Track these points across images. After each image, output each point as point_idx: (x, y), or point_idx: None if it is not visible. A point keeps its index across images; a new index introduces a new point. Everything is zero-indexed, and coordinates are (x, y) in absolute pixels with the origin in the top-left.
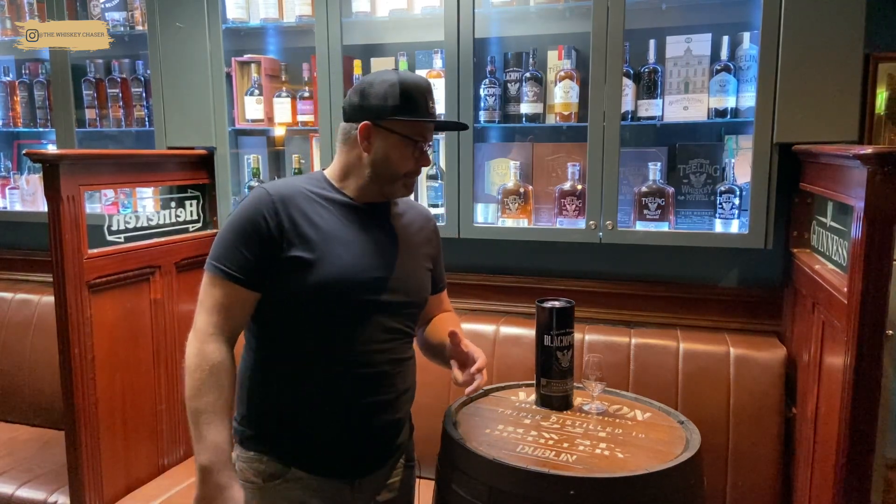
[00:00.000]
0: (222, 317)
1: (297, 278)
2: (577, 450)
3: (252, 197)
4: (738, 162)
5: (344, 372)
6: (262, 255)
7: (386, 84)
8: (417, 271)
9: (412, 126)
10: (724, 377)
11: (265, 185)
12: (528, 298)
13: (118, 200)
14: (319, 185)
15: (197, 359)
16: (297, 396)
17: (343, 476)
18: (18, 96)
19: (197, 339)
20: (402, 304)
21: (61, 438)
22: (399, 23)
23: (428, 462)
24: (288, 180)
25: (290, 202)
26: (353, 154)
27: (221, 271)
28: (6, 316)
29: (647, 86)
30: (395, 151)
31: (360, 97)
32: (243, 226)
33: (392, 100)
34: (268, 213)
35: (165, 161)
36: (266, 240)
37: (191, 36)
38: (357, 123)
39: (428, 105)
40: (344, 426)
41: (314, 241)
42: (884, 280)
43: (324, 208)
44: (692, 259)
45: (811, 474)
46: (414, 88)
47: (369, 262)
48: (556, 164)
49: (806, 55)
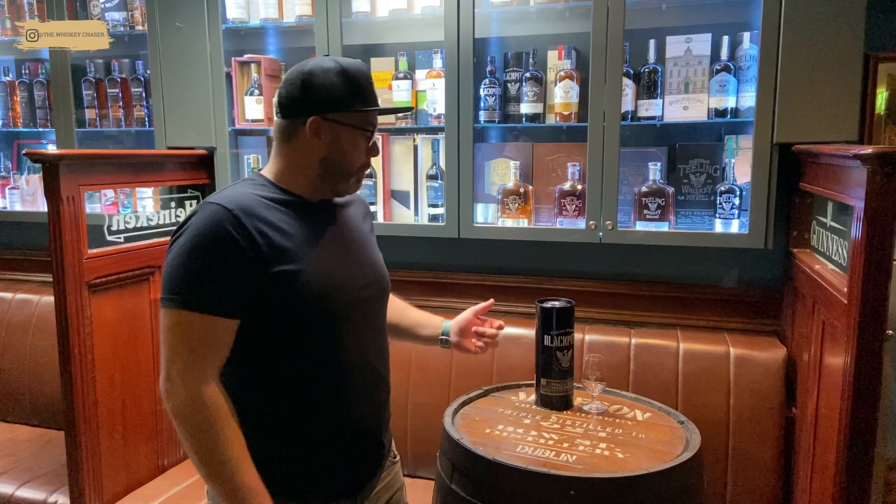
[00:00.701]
0: (205, 356)
1: (284, 294)
2: (577, 450)
3: (209, 215)
4: (738, 162)
5: (343, 379)
6: (239, 277)
7: (330, 73)
8: (380, 258)
9: (363, 116)
10: (724, 377)
11: (215, 199)
12: (528, 298)
13: (118, 200)
14: (266, 188)
15: (195, 412)
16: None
17: (346, 496)
18: (18, 96)
19: (184, 390)
20: (381, 295)
21: (61, 438)
22: (399, 23)
23: (428, 462)
24: (235, 189)
25: (252, 213)
26: (300, 152)
27: (194, 305)
28: (6, 316)
29: (647, 86)
30: (348, 145)
31: (301, 89)
32: (209, 248)
33: (339, 90)
34: (235, 231)
35: (165, 161)
36: (241, 260)
37: (191, 36)
38: (302, 119)
39: (374, 92)
40: (348, 438)
41: (292, 251)
42: (884, 280)
43: (284, 213)
44: (692, 259)
45: (811, 474)
46: (360, 75)
47: (346, 260)
48: (556, 164)
49: (806, 55)
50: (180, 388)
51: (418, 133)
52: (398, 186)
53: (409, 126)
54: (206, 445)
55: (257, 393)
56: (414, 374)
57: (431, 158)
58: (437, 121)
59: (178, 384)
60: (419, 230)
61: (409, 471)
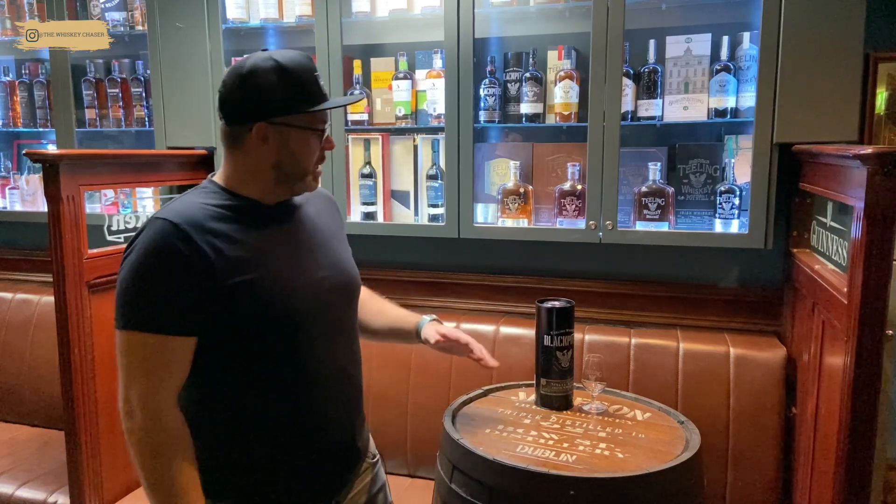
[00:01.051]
0: (162, 378)
1: (241, 306)
2: (576, 450)
3: (156, 232)
4: (738, 162)
5: (311, 386)
6: (192, 294)
7: (270, 73)
8: (347, 257)
9: (312, 115)
10: (724, 377)
11: (163, 214)
12: (528, 298)
13: (118, 200)
14: (218, 197)
15: (151, 437)
16: (262, 429)
17: (321, 500)
18: (18, 96)
19: (143, 415)
20: (350, 296)
21: (61, 438)
22: (399, 23)
23: (428, 462)
24: (183, 201)
25: (201, 226)
26: (250, 158)
27: (147, 325)
28: (6, 316)
29: (646, 86)
30: (300, 146)
31: (242, 94)
32: (159, 267)
33: (283, 91)
34: (184, 246)
35: (165, 161)
36: (193, 276)
37: (191, 36)
38: (246, 125)
39: (320, 86)
40: (317, 444)
41: (246, 261)
42: (884, 280)
43: (237, 222)
44: (692, 259)
45: (811, 474)
46: (301, 71)
47: (309, 263)
48: (556, 164)
49: (806, 55)
50: (137, 411)
51: (418, 133)
52: (398, 186)
53: (409, 126)
54: (156, 471)
55: (224, 404)
56: (414, 374)
57: (431, 158)
58: (437, 121)
59: (136, 407)
60: (419, 230)
61: (409, 471)
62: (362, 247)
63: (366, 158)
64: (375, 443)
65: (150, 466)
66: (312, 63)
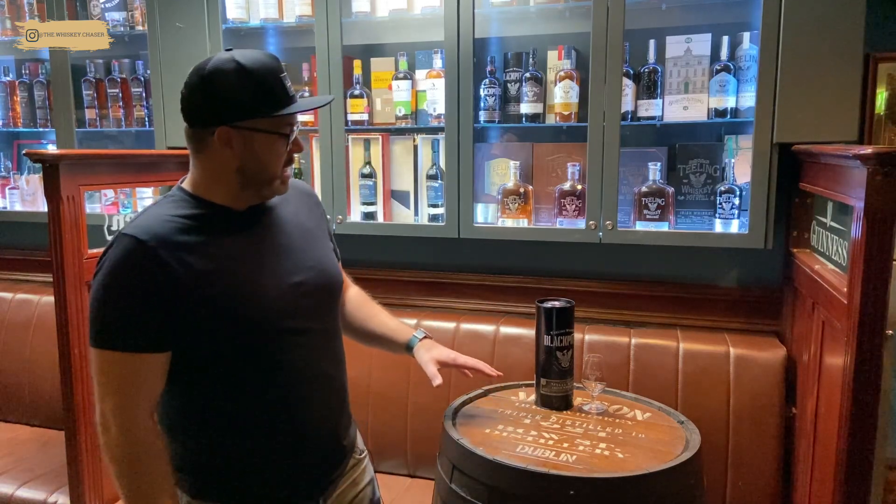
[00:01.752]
0: (134, 394)
1: (213, 318)
2: (577, 450)
3: (122, 249)
4: (738, 162)
5: (291, 391)
6: (160, 311)
7: (231, 75)
8: (326, 256)
9: (277, 119)
10: (724, 377)
11: (129, 230)
12: (528, 298)
13: (118, 200)
14: (186, 204)
15: (124, 451)
16: (244, 433)
17: (305, 499)
18: (18, 96)
19: (116, 429)
20: (329, 298)
21: (61, 438)
22: (399, 23)
23: (428, 462)
24: (150, 214)
25: (167, 241)
26: (214, 162)
27: (117, 344)
28: (6, 316)
29: (646, 86)
30: (265, 151)
31: (203, 96)
32: (126, 285)
33: (245, 94)
34: (150, 263)
35: (165, 161)
36: (160, 293)
37: (191, 36)
38: (209, 128)
39: (286, 88)
40: (301, 445)
41: (215, 272)
42: (884, 280)
43: (205, 232)
44: (692, 259)
45: (811, 474)
46: (265, 73)
47: (282, 268)
48: (556, 164)
49: (806, 55)
50: (111, 426)
51: (418, 133)
52: (398, 186)
53: (409, 126)
54: (133, 485)
55: (204, 409)
56: (414, 374)
57: (431, 158)
58: (437, 121)
59: (110, 422)
60: (419, 230)
61: (409, 471)
62: (362, 247)
63: (366, 158)
64: (375, 443)
65: (126, 478)
66: (278, 63)
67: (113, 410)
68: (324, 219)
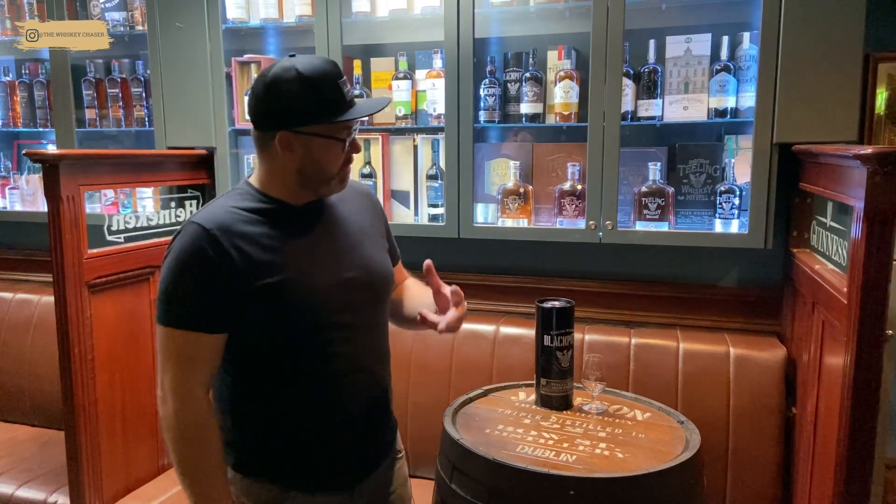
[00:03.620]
0: (192, 369)
1: (267, 306)
2: (576, 450)
3: (187, 236)
4: (738, 162)
5: (335, 381)
6: (220, 295)
7: (292, 84)
8: (379, 255)
9: (335, 125)
10: (724, 377)
11: (196, 218)
12: (528, 298)
13: (118, 200)
14: (251, 198)
15: (179, 422)
16: (288, 416)
17: (342, 488)
18: (18, 96)
19: (173, 401)
20: (378, 296)
21: (61, 438)
22: (399, 23)
23: (428, 462)
24: (217, 204)
25: (230, 230)
26: (277, 162)
27: (179, 322)
28: (6, 316)
29: (646, 86)
30: (323, 154)
31: (266, 103)
32: (190, 269)
33: (304, 101)
34: (213, 250)
35: (165, 161)
36: (221, 278)
37: (191, 36)
38: (271, 132)
39: (344, 94)
40: (340, 435)
41: (272, 263)
42: (884, 280)
43: (266, 224)
44: (692, 259)
45: (811, 474)
46: (323, 81)
47: (336, 263)
48: (556, 164)
49: (806, 55)
50: (169, 398)
51: (418, 133)
52: (398, 186)
53: (409, 126)
54: (184, 454)
55: (254, 390)
56: (414, 374)
57: (431, 158)
58: (437, 121)
59: (168, 394)
60: (419, 230)
61: (410, 471)
62: None
63: (366, 158)
64: None
65: (179, 449)
66: (337, 69)
67: (171, 383)
68: (381, 220)
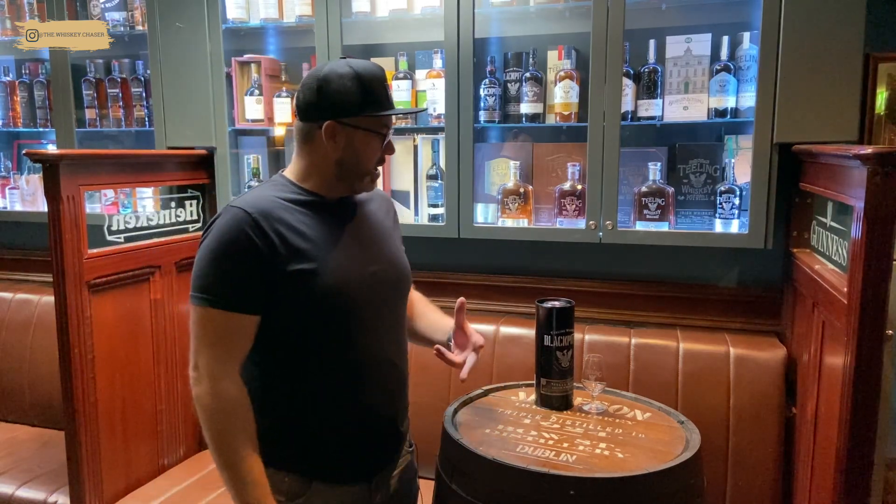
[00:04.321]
0: (226, 349)
1: (300, 291)
2: (577, 450)
3: (230, 218)
4: (738, 162)
5: (358, 372)
6: (257, 277)
7: (344, 79)
8: (400, 254)
9: (377, 119)
10: (724, 377)
11: (237, 203)
12: (528, 298)
13: (118, 200)
14: (287, 189)
15: (214, 401)
16: (313, 406)
17: (362, 478)
18: (18, 96)
19: (207, 379)
20: (400, 291)
21: (61, 438)
22: (399, 23)
23: (428, 462)
24: (257, 192)
25: (270, 216)
26: (318, 153)
27: (216, 302)
28: (6, 316)
29: (647, 86)
30: (363, 147)
31: (317, 95)
32: (230, 250)
33: (354, 96)
34: (253, 233)
35: (165, 161)
36: (260, 260)
37: (191, 36)
38: (318, 122)
39: (388, 94)
40: (363, 426)
41: (308, 251)
42: (884, 280)
43: (302, 213)
44: (692, 259)
45: (811, 474)
46: (373, 80)
47: (364, 256)
48: (556, 164)
49: (806, 55)
50: (204, 377)
51: (418, 133)
52: (398, 186)
53: (409, 126)
54: (219, 433)
55: (280, 380)
56: (414, 373)
57: (431, 158)
58: (437, 121)
59: (203, 374)
60: (419, 230)
61: None
62: None
63: None
64: None
65: (214, 427)
66: (384, 73)
67: (206, 363)
68: (397, 223)
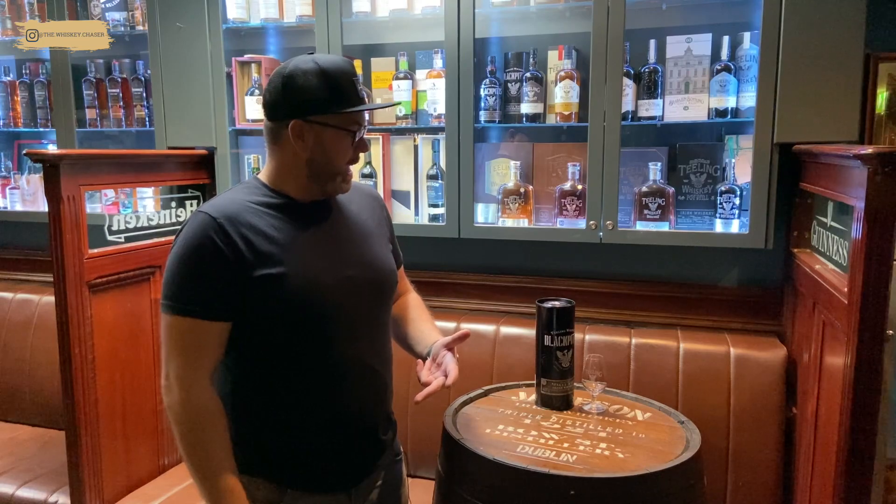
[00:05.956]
0: (196, 357)
1: (269, 296)
2: (577, 450)
3: (195, 224)
4: (739, 162)
5: (333, 378)
6: (224, 283)
7: (309, 75)
8: (383, 256)
9: (346, 116)
10: (724, 377)
11: (204, 207)
12: (528, 298)
13: (118, 200)
14: (259, 192)
15: (185, 410)
16: (287, 412)
17: (340, 488)
18: (19, 96)
19: (178, 389)
20: (380, 295)
21: (61, 438)
22: (399, 23)
23: (428, 462)
24: (227, 196)
25: (236, 220)
26: (287, 154)
27: (184, 310)
28: (6, 316)
29: (647, 86)
30: (333, 145)
31: (282, 93)
32: (195, 257)
33: (319, 92)
34: (219, 238)
35: (166, 161)
36: (226, 266)
37: (191, 36)
38: (285, 121)
39: (357, 90)
40: (339, 434)
41: (276, 255)
42: (884, 280)
43: (273, 217)
44: (692, 259)
45: (811, 474)
46: (339, 75)
47: (338, 260)
48: (557, 164)
49: (806, 55)
50: (174, 386)
51: (418, 133)
52: (398, 186)
53: (409, 126)
54: (192, 443)
55: (253, 385)
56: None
57: (432, 158)
58: (437, 121)
59: (173, 383)
60: (419, 230)
61: (410, 471)
62: None
63: (366, 158)
64: None
65: (187, 438)
66: (352, 68)
67: (176, 372)
68: (386, 222)
